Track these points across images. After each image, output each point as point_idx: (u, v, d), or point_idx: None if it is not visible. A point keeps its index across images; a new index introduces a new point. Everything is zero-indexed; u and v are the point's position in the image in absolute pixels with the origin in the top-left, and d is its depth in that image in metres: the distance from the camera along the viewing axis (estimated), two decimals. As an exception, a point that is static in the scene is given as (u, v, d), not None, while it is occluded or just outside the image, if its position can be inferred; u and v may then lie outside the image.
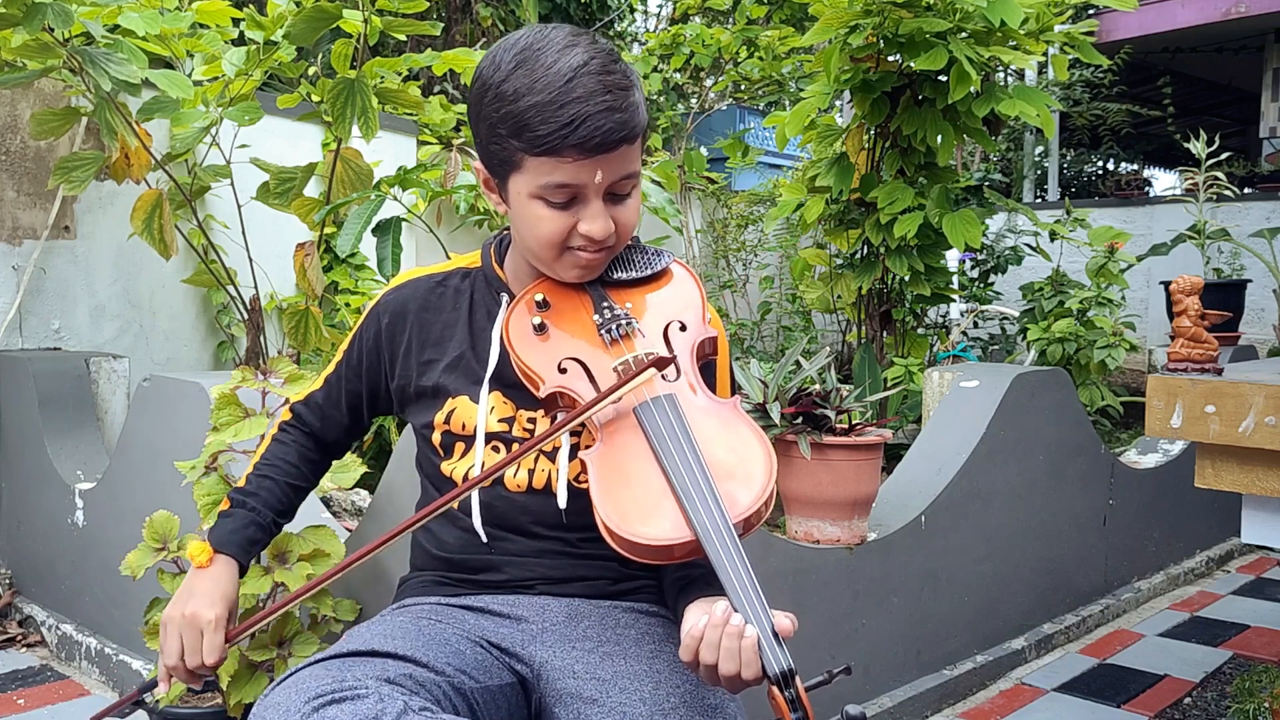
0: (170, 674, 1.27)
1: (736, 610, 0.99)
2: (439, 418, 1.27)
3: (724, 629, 0.99)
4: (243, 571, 1.33)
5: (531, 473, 1.23)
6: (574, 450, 1.22)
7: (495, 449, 1.25)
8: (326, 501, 2.55)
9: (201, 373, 2.42)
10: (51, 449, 2.75)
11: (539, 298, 1.25)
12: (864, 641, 2.36)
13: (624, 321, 1.22)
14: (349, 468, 1.92)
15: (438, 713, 1.02)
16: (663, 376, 1.18)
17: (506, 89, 1.13)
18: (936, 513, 2.53)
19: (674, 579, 1.19)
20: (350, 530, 2.11)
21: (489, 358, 1.27)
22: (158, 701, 1.75)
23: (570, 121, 1.10)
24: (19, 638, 2.77)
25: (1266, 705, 2.37)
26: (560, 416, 1.23)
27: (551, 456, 1.23)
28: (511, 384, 1.25)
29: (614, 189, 1.19)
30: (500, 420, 1.25)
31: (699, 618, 1.03)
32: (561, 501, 1.21)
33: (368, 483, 2.56)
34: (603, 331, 1.22)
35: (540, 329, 1.23)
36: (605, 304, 1.24)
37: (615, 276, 1.28)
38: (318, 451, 1.43)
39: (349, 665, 1.05)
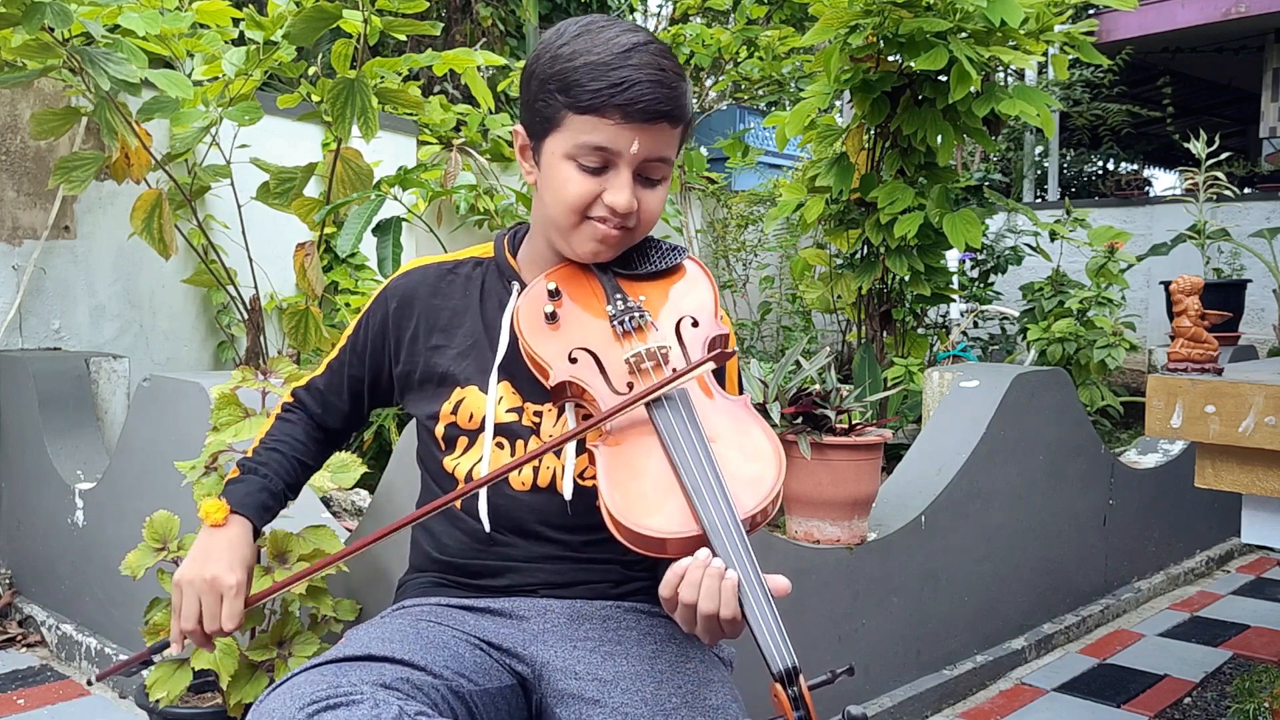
0: (185, 637, 1.24)
1: (743, 605, 0.99)
2: (445, 408, 1.26)
3: (706, 569, 0.99)
4: (255, 536, 1.31)
5: (536, 470, 1.22)
6: (580, 444, 1.21)
7: (499, 445, 1.24)
8: (326, 501, 2.55)
9: (201, 373, 2.42)
10: (51, 449, 2.75)
11: (551, 286, 1.24)
12: (864, 641, 2.36)
13: (637, 314, 1.22)
14: (349, 467, 1.92)
15: (434, 717, 1.01)
16: (673, 371, 1.18)
17: (565, 50, 1.17)
18: (936, 513, 2.53)
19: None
20: (350, 530, 2.11)
21: (499, 346, 1.26)
22: (157, 702, 1.75)
23: (620, 83, 1.13)
24: (19, 638, 2.77)
25: (1266, 705, 2.37)
26: (566, 407, 1.22)
27: (557, 452, 1.22)
28: (520, 375, 1.24)
29: (645, 170, 1.20)
30: (508, 410, 1.24)
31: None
32: (567, 494, 1.20)
33: (368, 483, 2.56)
34: (615, 323, 1.21)
35: (551, 318, 1.22)
36: (618, 295, 1.24)
37: (629, 269, 1.27)
38: (321, 435, 1.42)
39: (344, 670, 1.05)
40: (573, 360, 1.19)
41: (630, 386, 1.16)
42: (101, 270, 3.31)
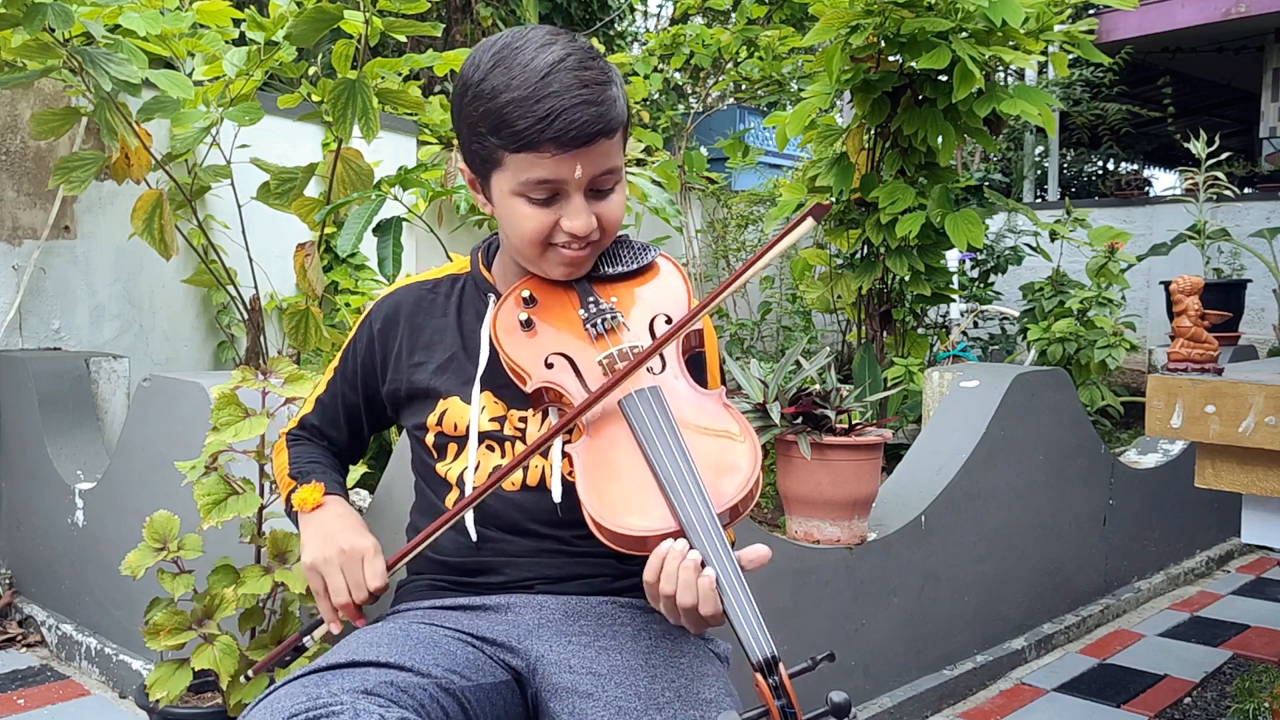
0: (338, 612, 1.25)
1: (722, 599, 1.00)
2: (431, 419, 1.28)
3: (681, 561, 1.01)
4: None
5: (525, 469, 1.24)
6: (567, 443, 1.23)
7: (489, 448, 1.26)
8: (327, 501, 2.55)
9: (201, 373, 2.42)
10: (51, 449, 2.75)
11: (525, 294, 1.27)
12: (864, 641, 2.36)
13: (609, 315, 1.23)
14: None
15: None
16: (648, 369, 1.19)
17: (485, 87, 1.15)
18: (936, 513, 2.53)
19: None
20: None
21: (479, 358, 1.27)
22: (157, 702, 1.75)
23: (546, 115, 1.11)
24: (19, 638, 2.77)
25: (1266, 705, 2.37)
26: (549, 411, 1.24)
27: (544, 453, 1.24)
28: (502, 384, 1.26)
29: (595, 185, 1.19)
30: (491, 420, 1.26)
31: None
32: (556, 495, 1.21)
33: (368, 483, 2.56)
34: (588, 326, 1.23)
35: (527, 325, 1.24)
36: (591, 298, 1.26)
37: (601, 271, 1.29)
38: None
39: (326, 680, 1.05)
40: (549, 365, 1.21)
41: None
42: (101, 270, 3.31)
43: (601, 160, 1.17)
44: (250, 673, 1.47)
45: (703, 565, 1.01)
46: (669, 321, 1.24)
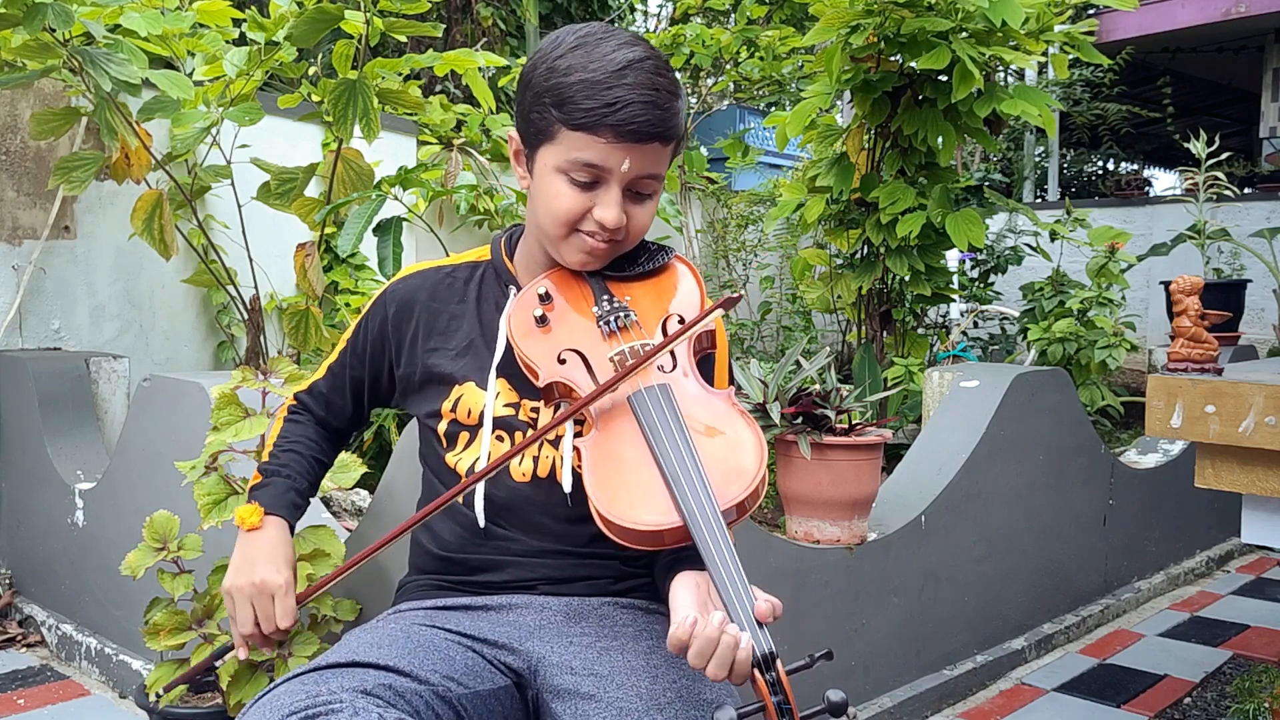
0: (246, 641, 1.29)
1: (721, 595, 0.99)
2: (445, 405, 1.29)
3: (720, 636, 0.96)
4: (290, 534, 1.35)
5: (536, 460, 1.25)
6: (578, 437, 1.23)
7: (500, 438, 1.26)
8: (326, 501, 2.55)
9: (201, 373, 2.42)
10: (51, 449, 2.75)
11: (542, 290, 1.28)
12: (864, 641, 2.36)
13: (622, 314, 1.25)
14: (349, 468, 1.92)
15: None
16: (659, 368, 1.20)
17: (561, 63, 1.18)
18: (936, 513, 2.53)
19: (665, 561, 1.19)
20: (350, 530, 2.11)
21: (497, 346, 1.28)
22: (157, 701, 1.75)
23: (614, 103, 1.15)
24: (19, 638, 2.77)
25: (1266, 705, 2.37)
26: (561, 405, 1.25)
27: (555, 444, 1.25)
28: (517, 374, 1.27)
29: (636, 185, 1.22)
30: (505, 405, 1.27)
31: (687, 611, 1.01)
32: (567, 485, 1.21)
33: (368, 483, 2.56)
34: (601, 323, 1.24)
35: (541, 321, 1.25)
36: (605, 296, 1.27)
37: (617, 270, 1.30)
38: (329, 434, 1.46)
39: (325, 679, 1.06)
40: (561, 361, 1.22)
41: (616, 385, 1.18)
42: (101, 270, 3.31)
43: (649, 163, 1.20)
44: (161, 689, 1.50)
45: (734, 626, 0.96)
46: (681, 322, 1.26)
